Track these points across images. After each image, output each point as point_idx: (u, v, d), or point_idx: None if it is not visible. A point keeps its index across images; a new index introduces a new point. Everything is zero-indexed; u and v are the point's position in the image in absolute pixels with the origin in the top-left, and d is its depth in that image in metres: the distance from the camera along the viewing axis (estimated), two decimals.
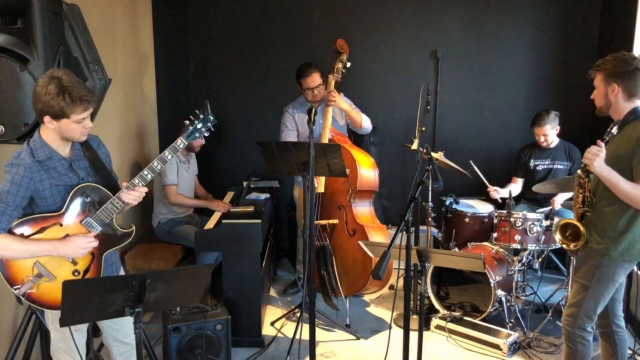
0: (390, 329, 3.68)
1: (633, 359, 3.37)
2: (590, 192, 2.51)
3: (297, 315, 3.90)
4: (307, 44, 5.14)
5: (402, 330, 2.69)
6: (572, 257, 3.57)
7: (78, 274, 2.23)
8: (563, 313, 2.68)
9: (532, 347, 3.53)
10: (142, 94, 4.55)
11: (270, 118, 5.06)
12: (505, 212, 3.87)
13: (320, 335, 3.70)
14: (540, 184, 3.90)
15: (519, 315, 3.73)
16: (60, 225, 2.19)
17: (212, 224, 3.66)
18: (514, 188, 4.35)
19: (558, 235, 2.61)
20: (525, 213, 3.88)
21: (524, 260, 3.87)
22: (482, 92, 5.15)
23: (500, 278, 3.73)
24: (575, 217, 2.58)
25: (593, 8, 4.89)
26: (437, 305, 3.94)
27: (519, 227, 3.79)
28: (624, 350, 2.74)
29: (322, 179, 3.81)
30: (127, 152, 4.22)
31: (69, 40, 2.49)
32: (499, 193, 4.26)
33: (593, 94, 2.56)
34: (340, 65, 4.01)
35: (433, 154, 3.64)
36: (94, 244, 2.22)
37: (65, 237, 2.19)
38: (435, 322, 3.75)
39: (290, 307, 4.07)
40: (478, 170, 4.17)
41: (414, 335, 2.52)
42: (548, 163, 4.33)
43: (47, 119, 2.08)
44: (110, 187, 2.28)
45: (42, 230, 2.16)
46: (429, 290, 3.95)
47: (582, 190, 2.51)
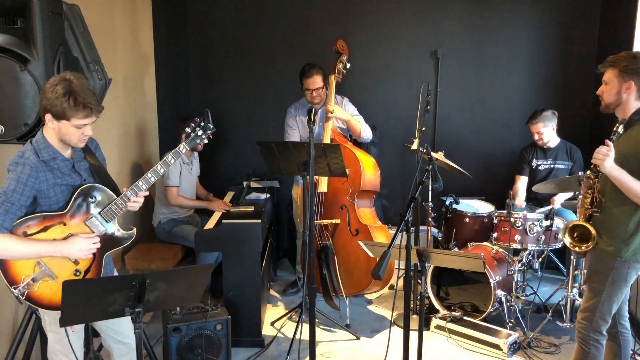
0: (391, 329, 3.68)
1: (633, 359, 3.38)
2: (599, 192, 2.50)
3: (297, 315, 3.90)
4: (307, 44, 5.14)
5: (402, 330, 2.69)
6: (578, 258, 3.57)
7: (79, 274, 2.23)
8: (577, 316, 2.66)
9: (532, 347, 3.53)
10: (142, 94, 4.55)
11: (270, 118, 5.06)
12: (505, 212, 3.87)
13: (320, 335, 3.70)
14: (541, 184, 3.90)
15: (519, 315, 3.73)
16: (64, 225, 2.19)
17: (212, 224, 3.66)
18: (521, 187, 4.35)
19: (567, 238, 2.58)
20: (525, 213, 3.88)
21: (524, 260, 3.88)
22: (482, 92, 5.15)
23: (500, 278, 3.73)
24: (583, 218, 2.55)
25: (593, 8, 4.89)
26: (437, 305, 3.94)
27: (519, 227, 3.79)
28: (627, 351, 2.74)
29: (324, 179, 3.81)
30: (127, 151, 4.22)
31: (69, 40, 2.49)
32: (521, 204, 4.28)
33: (601, 90, 2.52)
34: (341, 66, 4.02)
35: (433, 154, 3.64)
36: (98, 245, 2.23)
37: (69, 236, 2.19)
38: (435, 322, 3.75)
39: (290, 307, 4.07)
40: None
41: (414, 335, 2.52)
42: (549, 163, 4.33)
43: (48, 117, 2.09)
44: (111, 188, 2.29)
45: (45, 229, 2.16)
46: (429, 290, 3.95)
47: (590, 191, 2.49)
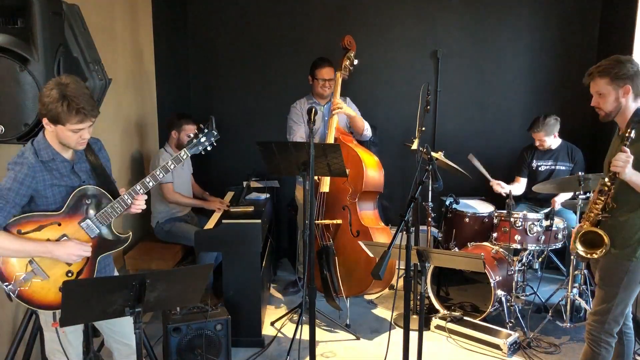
0: (391, 329, 3.68)
1: (633, 359, 3.38)
2: (612, 199, 2.48)
3: (297, 315, 3.90)
4: (307, 44, 5.14)
5: (402, 330, 2.69)
6: (578, 260, 3.56)
7: (72, 275, 2.23)
8: (588, 318, 2.66)
9: (532, 347, 3.53)
10: (142, 94, 4.54)
11: (271, 118, 5.06)
12: (505, 212, 3.87)
13: (320, 335, 3.70)
14: (541, 184, 3.90)
15: (519, 315, 3.73)
16: (59, 225, 2.19)
17: (212, 224, 3.66)
18: (517, 187, 4.35)
19: (580, 247, 2.54)
20: (525, 213, 3.88)
21: (524, 260, 3.88)
22: (482, 92, 5.15)
23: (500, 278, 3.73)
24: (590, 224, 2.54)
25: (593, 8, 4.89)
26: (437, 305, 3.94)
27: (519, 227, 3.79)
28: (630, 351, 2.75)
29: (326, 178, 3.80)
30: (127, 152, 4.22)
31: (69, 40, 2.49)
32: (503, 188, 4.24)
33: (596, 102, 2.50)
34: (348, 63, 4.01)
35: (433, 154, 3.64)
36: (88, 254, 2.23)
37: (62, 237, 2.19)
38: (435, 322, 3.75)
39: (290, 307, 4.07)
40: (479, 164, 4.15)
41: (414, 335, 2.52)
42: (550, 164, 4.32)
43: (45, 121, 2.10)
44: (110, 191, 2.30)
45: (40, 229, 2.16)
46: (429, 290, 3.95)
47: (603, 198, 2.47)
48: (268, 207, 4.12)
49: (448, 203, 4.23)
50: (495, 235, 3.91)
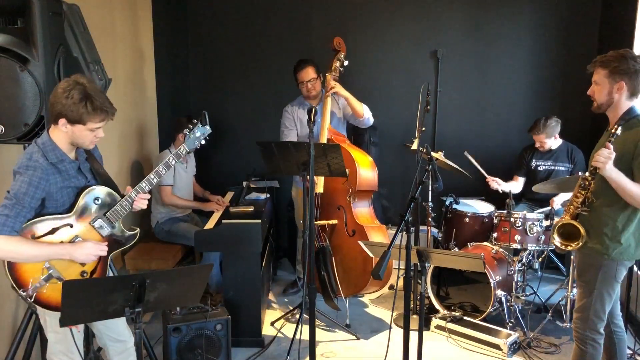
0: (391, 329, 3.68)
1: (633, 359, 3.38)
2: (592, 193, 2.50)
3: (297, 316, 3.90)
4: (307, 44, 5.14)
5: (402, 330, 2.69)
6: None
7: (86, 275, 2.23)
8: (573, 317, 2.67)
9: (532, 347, 3.53)
10: (142, 94, 4.54)
11: (270, 118, 5.05)
12: (505, 212, 3.87)
13: (320, 335, 3.70)
14: (541, 184, 3.89)
15: (519, 315, 3.73)
16: (71, 227, 2.19)
17: (212, 224, 3.66)
18: (515, 186, 4.35)
19: (557, 238, 2.58)
20: (525, 213, 3.88)
21: (524, 260, 3.87)
22: (482, 92, 5.15)
23: (500, 278, 3.73)
24: (570, 216, 2.57)
25: (593, 8, 4.89)
26: (437, 305, 3.94)
27: (519, 227, 3.79)
28: (623, 350, 2.74)
29: (321, 179, 3.80)
30: (127, 151, 4.22)
31: (69, 40, 2.49)
32: (500, 185, 4.24)
33: (592, 90, 2.52)
34: (338, 64, 4.01)
35: (433, 154, 3.64)
36: (105, 253, 2.24)
37: (75, 238, 2.19)
38: (435, 322, 3.74)
39: (290, 307, 4.07)
40: (474, 161, 4.15)
41: (414, 335, 2.52)
42: (549, 164, 4.32)
43: (62, 122, 2.09)
44: (112, 189, 2.30)
45: (53, 232, 2.16)
46: (429, 290, 3.95)
47: (584, 192, 2.49)
48: (268, 207, 4.13)
49: (448, 203, 4.23)
50: (495, 235, 3.91)
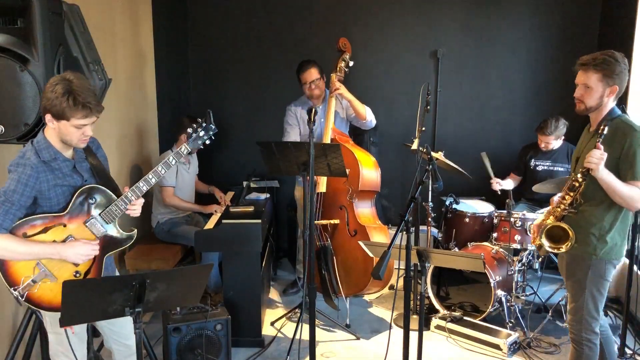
0: (391, 329, 3.68)
1: (633, 359, 3.38)
2: (581, 194, 2.50)
3: (297, 315, 3.90)
4: (307, 44, 5.14)
5: (402, 330, 2.69)
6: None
7: (79, 275, 2.22)
8: (568, 319, 2.67)
9: (532, 347, 3.53)
10: (142, 94, 4.54)
11: (270, 118, 5.06)
12: (505, 212, 3.87)
13: (320, 335, 3.70)
14: (541, 184, 3.90)
15: (519, 315, 3.73)
16: (64, 226, 2.18)
17: (212, 224, 3.66)
18: (508, 183, 4.37)
19: (546, 242, 2.57)
20: (525, 213, 3.88)
21: (524, 260, 3.87)
22: (482, 92, 5.15)
23: (500, 278, 3.73)
24: (554, 218, 2.58)
25: (593, 8, 4.89)
26: (437, 305, 3.94)
27: (519, 227, 3.79)
28: (611, 348, 2.75)
29: (323, 179, 3.81)
30: (127, 152, 4.22)
31: (69, 40, 2.49)
32: (501, 185, 4.27)
33: (581, 93, 2.47)
34: (343, 64, 4.01)
35: (433, 154, 3.64)
36: (97, 252, 2.22)
37: (68, 238, 2.18)
38: (435, 322, 3.75)
39: (290, 307, 4.07)
40: (488, 163, 4.16)
41: (414, 335, 2.52)
42: (549, 165, 4.32)
43: (48, 117, 2.09)
44: (112, 189, 2.29)
45: (45, 230, 2.15)
46: (429, 290, 3.95)
47: (573, 194, 2.49)
48: (268, 207, 4.13)
49: (448, 203, 4.23)
50: (495, 235, 3.91)
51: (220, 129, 2.50)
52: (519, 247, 3.82)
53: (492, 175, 4.24)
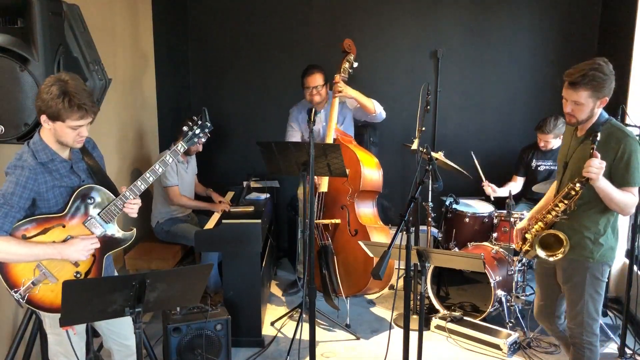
0: (391, 329, 3.68)
1: (633, 359, 3.38)
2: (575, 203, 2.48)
3: (297, 315, 3.90)
4: (306, 44, 5.14)
5: (402, 330, 2.69)
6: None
7: (80, 276, 2.22)
8: (567, 323, 2.68)
9: (532, 347, 3.54)
10: (142, 94, 4.55)
11: (271, 118, 5.06)
12: (505, 212, 3.87)
13: (320, 335, 3.70)
14: (541, 184, 3.90)
15: (519, 315, 3.73)
16: (63, 227, 2.18)
17: (212, 224, 3.66)
18: (514, 186, 4.35)
19: (541, 251, 2.55)
20: (525, 213, 3.87)
21: (524, 260, 3.87)
22: (482, 92, 5.15)
23: (500, 278, 3.73)
24: (543, 224, 2.58)
25: (593, 8, 4.89)
26: (437, 305, 3.94)
27: None
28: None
29: (325, 178, 3.81)
30: (126, 152, 4.22)
31: (69, 40, 2.49)
32: (495, 192, 4.21)
33: (572, 108, 2.45)
34: (347, 65, 4.01)
35: (433, 154, 3.64)
36: (97, 246, 2.22)
37: (68, 238, 2.18)
38: (435, 322, 3.75)
39: (290, 307, 4.07)
40: (477, 163, 4.15)
41: (414, 335, 2.52)
42: (550, 164, 4.32)
43: (43, 118, 2.08)
44: (109, 189, 2.28)
45: (45, 232, 2.15)
46: (429, 290, 3.95)
47: (568, 201, 2.46)
48: (268, 207, 4.13)
49: (448, 203, 4.23)
50: (495, 235, 3.91)
51: (221, 129, 2.50)
52: None
53: (483, 178, 4.21)
